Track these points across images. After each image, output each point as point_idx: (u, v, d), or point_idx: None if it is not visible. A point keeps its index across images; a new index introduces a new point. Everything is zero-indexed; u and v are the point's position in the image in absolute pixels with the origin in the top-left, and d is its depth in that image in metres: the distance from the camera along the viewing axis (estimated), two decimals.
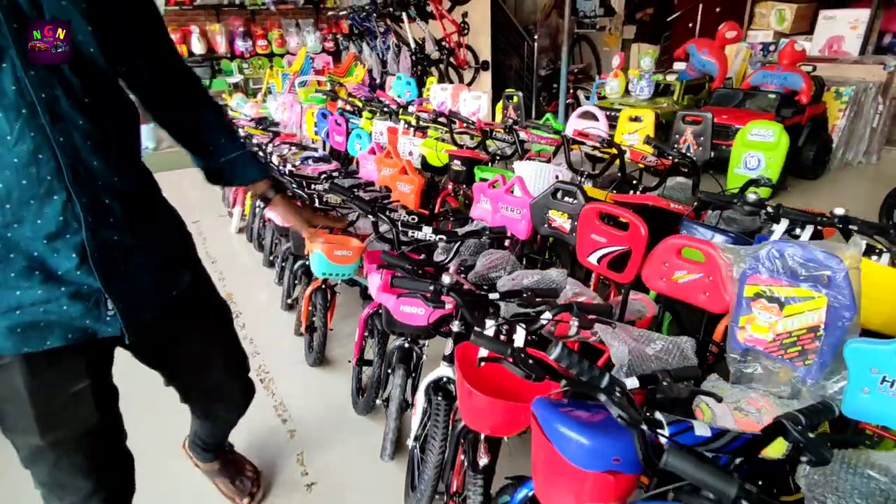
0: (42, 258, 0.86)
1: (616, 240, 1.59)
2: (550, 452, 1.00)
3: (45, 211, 0.83)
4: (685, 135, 2.51)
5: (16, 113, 0.77)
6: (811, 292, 1.12)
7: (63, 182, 0.83)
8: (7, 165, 0.79)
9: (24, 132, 0.79)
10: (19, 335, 0.89)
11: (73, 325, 0.92)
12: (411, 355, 1.80)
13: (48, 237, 0.85)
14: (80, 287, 0.90)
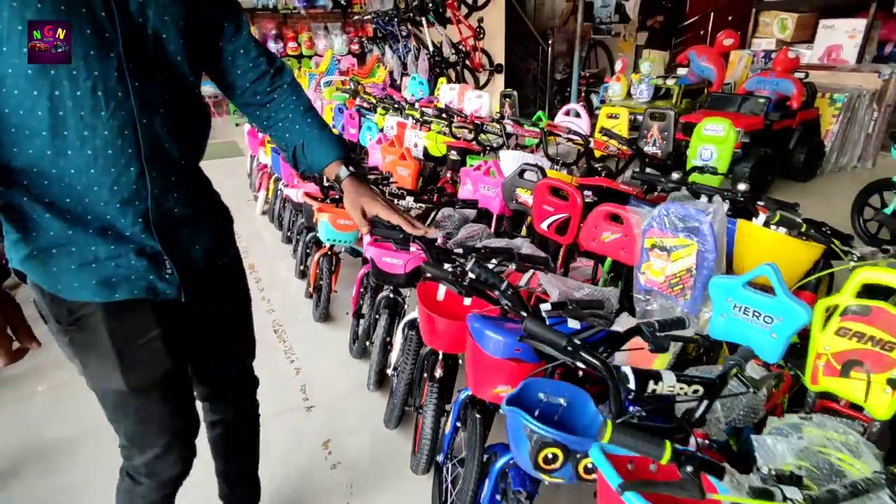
0: (113, 221, 0.97)
1: (561, 208, 1.93)
2: (476, 350, 1.36)
3: (122, 179, 0.95)
4: (652, 130, 2.82)
5: (114, 95, 0.90)
6: (686, 240, 1.45)
7: (139, 157, 0.95)
8: (99, 136, 0.91)
9: (117, 111, 0.91)
10: (98, 286, 0.99)
11: (139, 282, 1.02)
12: (395, 304, 2.17)
13: (121, 202, 0.96)
14: (144, 246, 1.01)
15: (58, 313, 1.01)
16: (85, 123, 0.89)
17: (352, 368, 2.42)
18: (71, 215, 0.95)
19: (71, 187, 0.93)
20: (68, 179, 0.93)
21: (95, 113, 0.89)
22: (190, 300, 1.08)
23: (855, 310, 1.16)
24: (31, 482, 1.88)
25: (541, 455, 1.07)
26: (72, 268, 0.97)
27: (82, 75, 0.87)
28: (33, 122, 0.88)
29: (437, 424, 1.69)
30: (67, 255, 0.97)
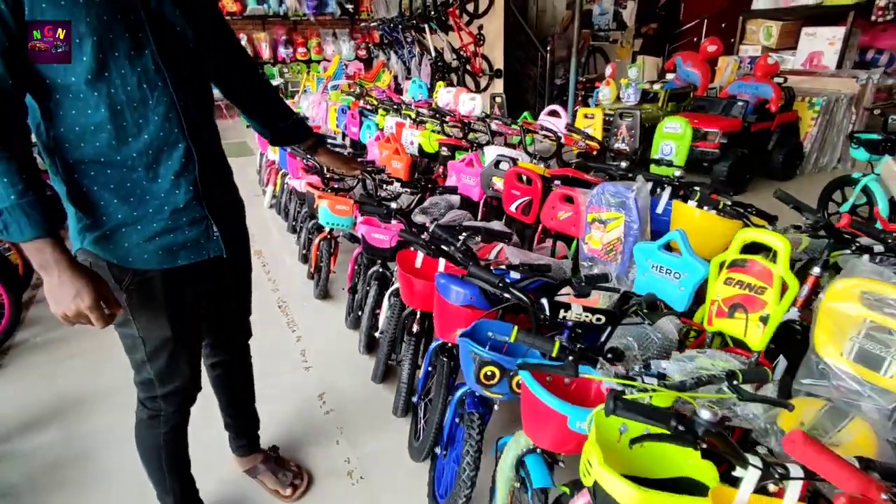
0: (169, 195, 1.15)
1: (525, 192, 2.23)
2: (441, 301, 1.66)
3: (174, 155, 1.13)
4: (621, 128, 3.11)
5: (155, 84, 1.08)
6: (617, 214, 1.75)
7: (184, 134, 1.14)
8: (152, 122, 1.09)
9: (160, 98, 1.09)
10: (162, 255, 1.19)
11: (193, 248, 1.23)
12: (384, 276, 2.48)
13: (175, 174, 1.15)
14: (194, 215, 1.20)
15: (119, 277, 1.19)
16: (138, 113, 1.08)
17: (346, 336, 2.73)
18: (134, 197, 1.13)
19: (133, 170, 1.11)
20: (131, 163, 1.10)
21: (144, 102, 1.08)
22: (229, 258, 1.32)
23: (736, 262, 1.44)
24: (67, 427, 2.20)
25: (482, 372, 1.37)
26: (139, 243, 1.16)
27: (129, 73, 1.05)
28: (97, 119, 1.05)
29: (413, 372, 1.99)
30: (135, 233, 1.15)
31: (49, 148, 1.10)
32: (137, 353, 1.31)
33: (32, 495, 1.86)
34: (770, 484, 0.90)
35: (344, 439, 2.06)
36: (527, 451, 1.39)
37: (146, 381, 1.36)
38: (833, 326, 1.26)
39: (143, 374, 1.35)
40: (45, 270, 1.05)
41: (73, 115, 1.05)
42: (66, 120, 1.06)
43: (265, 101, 1.57)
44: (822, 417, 1.20)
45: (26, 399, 2.35)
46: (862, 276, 1.22)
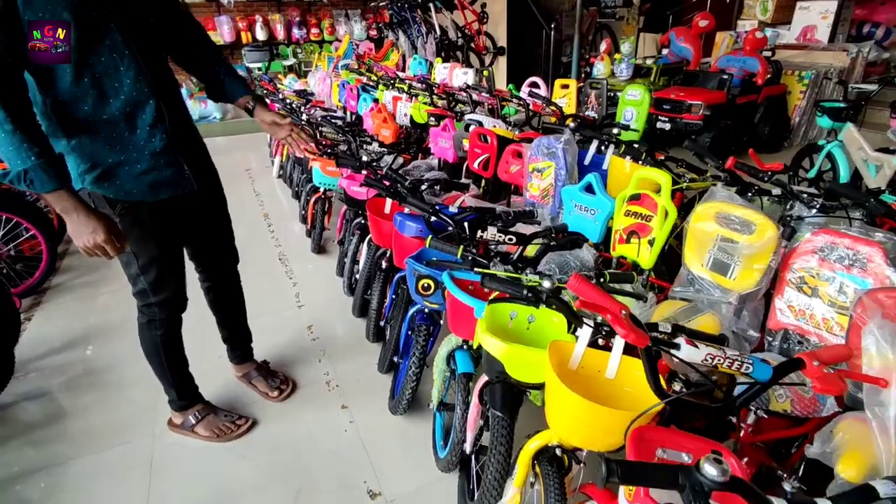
0: (147, 143, 1.47)
1: (485, 150, 2.53)
2: (397, 235, 1.98)
3: (146, 110, 1.44)
4: (590, 97, 3.36)
5: (123, 54, 1.38)
6: (549, 163, 2.04)
7: (153, 93, 1.44)
8: (125, 84, 1.39)
9: (130, 64, 1.38)
10: (148, 190, 1.52)
11: (171, 185, 1.57)
12: (363, 227, 2.81)
13: (150, 126, 1.46)
14: (169, 158, 1.53)
15: (112, 204, 1.52)
16: (114, 78, 1.38)
17: (335, 282, 3.09)
18: (120, 145, 1.46)
19: (116, 124, 1.42)
20: (114, 119, 1.41)
21: (117, 70, 1.37)
22: (200, 191, 1.66)
23: (633, 196, 1.74)
24: (97, 347, 2.61)
25: (419, 284, 1.70)
26: (130, 180, 1.50)
27: (102, 48, 1.34)
28: (83, 88, 1.35)
29: (381, 301, 2.33)
30: (124, 172, 1.49)
31: (46, 114, 1.39)
32: (132, 268, 1.64)
33: (68, 394, 2.27)
34: (600, 339, 1.21)
35: (326, 359, 2.42)
36: (456, 347, 1.72)
37: (141, 290, 1.70)
38: (696, 242, 1.55)
39: (139, 285, 1.68)
40: (67, 214, 1.35)
41: (64, 87, 1.33)
42: (59, 90, 1.35)
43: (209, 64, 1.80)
44: (679, 313, 1.50)
45: (62, 328, 2.78)
46: (717, 200, 1.51)
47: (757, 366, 0.95)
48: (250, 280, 3.10)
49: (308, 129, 1.91)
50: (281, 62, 9.79)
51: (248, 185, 5.03)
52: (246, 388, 2.22)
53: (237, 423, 2.01)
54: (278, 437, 1.98)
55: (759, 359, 0.96)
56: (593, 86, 3.35)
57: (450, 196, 2.45)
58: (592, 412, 1.00)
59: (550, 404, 1.12)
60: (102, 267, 3.49)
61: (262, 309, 2.85)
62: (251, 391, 2.21)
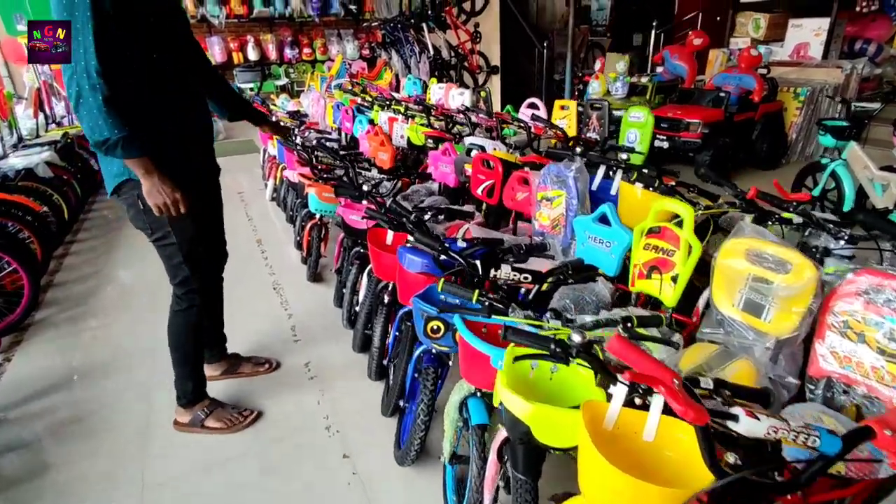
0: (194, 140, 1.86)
1: (489, 176, 2.44)
2: (401, 270, 1.87)
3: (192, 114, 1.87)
4: (592, 119, 3.29)
5: (184, 77, 1.80)
6: (559, 192, 1.95)
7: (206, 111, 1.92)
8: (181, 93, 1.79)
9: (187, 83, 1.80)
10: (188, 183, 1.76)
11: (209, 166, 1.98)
12: (363, 257, 2.70)
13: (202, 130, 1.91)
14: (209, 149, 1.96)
15: None
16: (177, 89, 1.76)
17: (333, 313, 2.96)
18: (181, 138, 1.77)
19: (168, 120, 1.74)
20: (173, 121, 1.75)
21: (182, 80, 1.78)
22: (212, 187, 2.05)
23: (653, 229, 1.64)
24: (80, 392, 2.46)
25: (428, 327, 1.58)
26: (175, 169, 1.72)
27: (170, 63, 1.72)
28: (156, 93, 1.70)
29: (384, 335, 2.21)
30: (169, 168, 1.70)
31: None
32: (174, 258, 1.86)
33: (52, 443, 2.11)
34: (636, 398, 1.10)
35: (325, 400, 2.28)
36: (469, 395, 1.60)
37: (183, 279, 1.91)
38: (725, 281, 1.45)
39: (180, 274, 1.89)
40: (149, 175, 1.63)
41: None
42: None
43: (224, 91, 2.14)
44: (712, 358, 1.40)
45: (44, 370, 2.62)
46: (746, 236, 1.42)
47: (824, 438, 0.84)
48: (244, 311, 2.97)
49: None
50: (273, 82, 9.74)
51: (240, 208, 4.90)
52: (235, 381, 2.30)
53: (244, 413, 2.14)
54: (274, 492, 1.83)
55: (826, 429, 0.86)
56: (594, 107, 3.28)
57: (453, 224, 2.34)
58: (637, 489, 0.89)
59: (585, 472, 1.01)
60: (90, 297, 3.34)
61: (257, 342, 2.71)
62: (241, 381, 2.34)
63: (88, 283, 3.56)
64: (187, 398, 2.08)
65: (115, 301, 3.32)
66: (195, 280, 1.92)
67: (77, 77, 1.44)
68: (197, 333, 2.03)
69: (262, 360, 2.50)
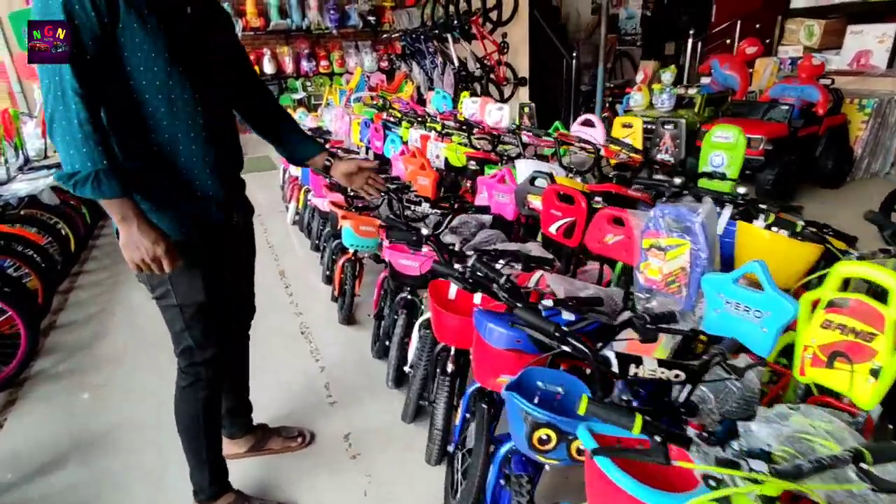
0: (202, 184, 1.43)
1: (567, 212, 2.03)
2: (480, 342, 1.47)
3: (209, 158, 1.43)
4: (664, 138, 2.88)
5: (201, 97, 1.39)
6: (680, 240, 1.53)
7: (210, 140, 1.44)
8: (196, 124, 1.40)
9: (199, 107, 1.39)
10: (195, 229, 1.44)
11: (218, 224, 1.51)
12: (412, 304, 2.30)
13: (208, 166, 1.43)
14: (219, 196, 1.48)
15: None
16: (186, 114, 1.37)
17: (373, 367, 2.55)
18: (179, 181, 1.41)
19: (177, 154, 1.38)
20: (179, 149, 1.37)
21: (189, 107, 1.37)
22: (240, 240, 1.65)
23: (837, 302, 1.22)
24: (84, 465, 2.07)
25: (535, 436, 1.17)
26: (179, 216, 1.41)
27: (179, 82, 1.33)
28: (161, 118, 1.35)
29: (449, 416, 1.79)
30: (175, 209, 1.41)
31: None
32: (177, 324, 1.51)
33: None
34: None
35: (374, 490, 1.87)
36: None
37: (186, 349, 1.55)
38: None
39: (183, 342, 1.54)
40: (126, 222, 1.28)
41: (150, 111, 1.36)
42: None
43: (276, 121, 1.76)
44: None
45: (40, 440, 2.24)
46: None
47: None
48: (268, 362, 2.57)
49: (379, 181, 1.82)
50: (290, 96, 9.45)
51: (259, 234, 4.50)
52: (262, 460, 1.88)
53: None
54: None
55: None
56: (667, 124, 2.87)
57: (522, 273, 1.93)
58: None
59: None
60: (95, 342, 2.97)
61: (284, 405, 2.31)
62: (269, 460, 1.96)
63: (94, 325, 3.19)
64: (205, 494, 1.69)
65: (124, 348, 2.94)
66: (201, 353, 1.56)
67: (51, 95, 1.18)
68: (210, 412, 1.66)
69: (294, 431, 2.10)
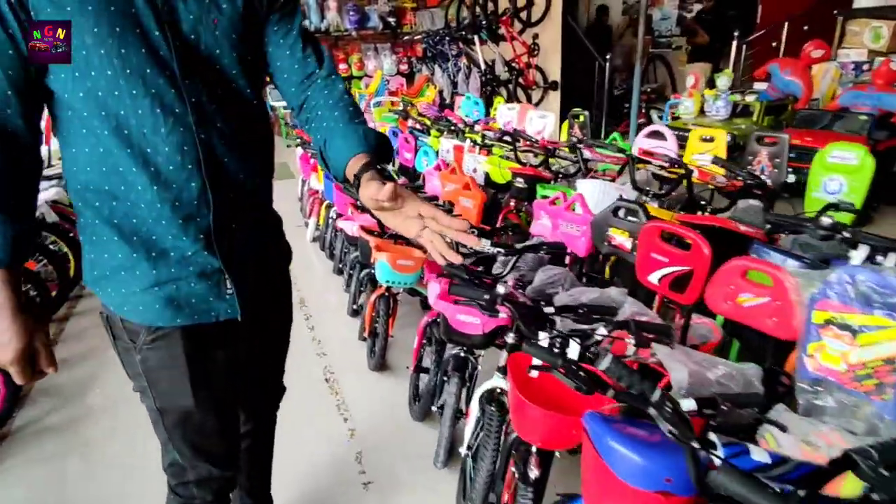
0: (176, 240, 0.98)
1: (678, 259, 1.57)
2: (602, 469, 1.01)
3: (184, 196, 0.96)
4: (759, 156, 2.42)
5: (171, 111, 0.91)
6: (887, 321, 1.07)
7: (200, 173, 0.96)
8: (160, 153, 0.93)
9: (175, 127, 0.92)
10: (161, 310, 1.00)
11: (199, 305, 1.02)
12: (466, 364, 1.85)
13: (184, 218, 0.97)
14: (204, 266, 1.01)
15: (132, 334, 1.04)
16: (147, 141, 0.92)
17: (414, 434, 2.11)
18: (137, 237, 0.98)
19: (136, 206, 0.96)
20: (134, 198, 0.95)
21: (155, 130, 0.92)
22: (245, 319, 1.08)
23: None
24: None
25: None
26: (136, 291, 0.99)
27: (141, 93, 0.89)
28: (105, 142, 0.91)
29: None
30: (132, 279, 0.99)
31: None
32: (158, 429, 1.14)
33: None
34: None
35: None
36: None
37: (174, 463, 1.17)
38: None
39: (169, 455, 1.17)
40: None
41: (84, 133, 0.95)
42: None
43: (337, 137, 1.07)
44: None
45: None
46: None
47: None
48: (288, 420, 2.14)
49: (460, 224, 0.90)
50: None
51: None
52: None
53: None
54: None
55: None
56: (763, 140, 2.41)
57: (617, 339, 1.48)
58: None
59: None
60: (89, 386, 2.56)
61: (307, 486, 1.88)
62: None
63: (92, 363, 2.77)
64: None
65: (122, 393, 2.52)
66: (193, 470, 1.16)
67: None
68: None
69: None
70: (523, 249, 1.84)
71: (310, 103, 1.09)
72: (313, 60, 1.09)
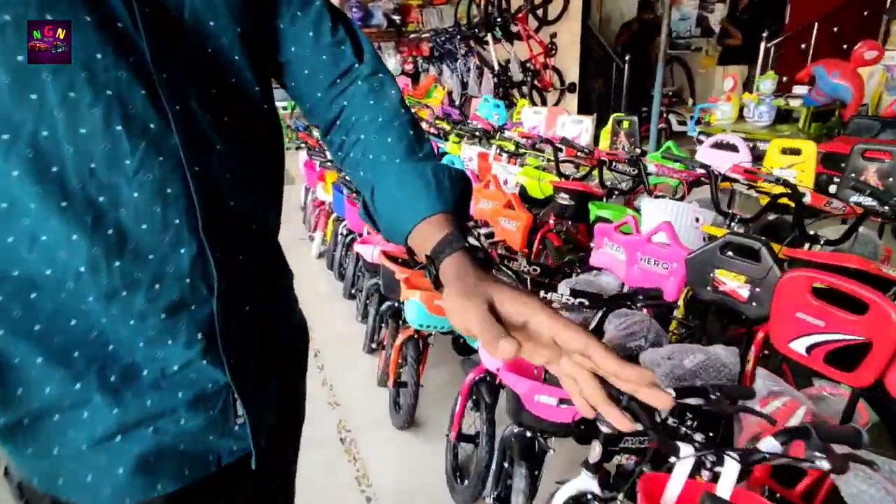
0: (155, 349, 0.59)
1: (843, 325, 1.15)
2: None
3: (168, 271, 0.57)
4: (866, 174, 2.01)
5: (142, 128, 0.52)
6: None
7: (196, 230, 0.57)
8: (124, 202, 0.53)
9: (149, 155, 0.53)
10: (128, 476, 0.59)
11: (192, 454, 0.63)
12: (534, 447, 1.43)
13: (168, 310, 0.57)
14: (203, 387, 0.61)
15: None
16: (98, 182, 0.52)
17: None
18: (80, 353, 0.56)
19: (79, 299, 0.55)
20: (74, 286, 0.54)
21: (114, 162, 0.52)
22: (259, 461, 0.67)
23: None
24: None
25: None
26: (82, 448, 0.57)
27: (86, 98, 0.50)
28: (13, 190, 0.50)
29: None
30: (74, 426, 0.57)
31: None
32: None
33: None
34: None
35: None
36: None
37: None
38: None
39: None
40: None
41: None
42: None
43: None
44: None
45: None
46: None
47: None
48: None
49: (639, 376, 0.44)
50: None
51: None
52: None
53: None
54: None
55: None
56: (869, 155, 2.01)
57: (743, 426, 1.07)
58: None
59: None
60: None
61: None
62: None
63: None
64: None
65: None
66: None
67: None
68: None
69: None
70: (612, 300, 1.41)
71: (348, 120, 0.68)
72: (349, 48, 0.68)
